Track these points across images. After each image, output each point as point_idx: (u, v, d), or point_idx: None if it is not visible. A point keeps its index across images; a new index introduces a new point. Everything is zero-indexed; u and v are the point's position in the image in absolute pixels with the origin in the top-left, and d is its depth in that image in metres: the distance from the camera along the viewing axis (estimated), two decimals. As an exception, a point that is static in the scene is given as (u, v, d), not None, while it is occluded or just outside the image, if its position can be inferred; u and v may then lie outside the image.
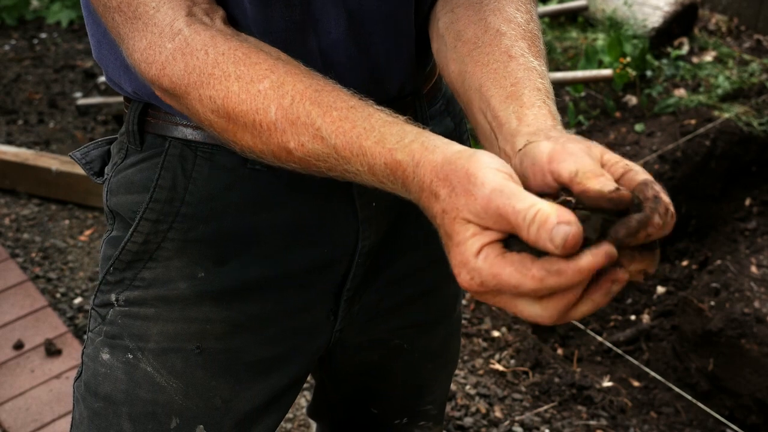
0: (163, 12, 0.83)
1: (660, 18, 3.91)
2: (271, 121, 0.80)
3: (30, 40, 4.42)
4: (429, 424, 1.36)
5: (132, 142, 1.01)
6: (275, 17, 0.89)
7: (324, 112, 0.78)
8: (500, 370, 2.47)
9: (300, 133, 0.79)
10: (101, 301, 1.05)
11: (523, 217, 0.65)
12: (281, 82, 0.80)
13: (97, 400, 1.05)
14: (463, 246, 0.68)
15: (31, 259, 2.86)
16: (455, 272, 0.69)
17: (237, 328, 1.04)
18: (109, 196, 1.04)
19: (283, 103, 0.79)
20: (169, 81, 0.83)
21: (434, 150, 0.72)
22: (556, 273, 0.65)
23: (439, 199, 0.70)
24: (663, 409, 2.54)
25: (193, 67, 0.82)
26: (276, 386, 1.09)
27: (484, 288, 0.68)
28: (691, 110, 3.50)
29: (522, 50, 0.90)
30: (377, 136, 0.75)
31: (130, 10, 0.84)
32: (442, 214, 0.70)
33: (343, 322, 1.11)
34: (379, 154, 0.75)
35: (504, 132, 0.81)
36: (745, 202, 3.49)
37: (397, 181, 0.75)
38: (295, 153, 0.80)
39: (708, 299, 2.67)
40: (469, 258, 0.68)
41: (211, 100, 0.82)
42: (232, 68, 0.81)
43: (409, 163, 0.73)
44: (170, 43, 0.83)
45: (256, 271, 1.02)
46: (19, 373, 2.39)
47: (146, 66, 0.84)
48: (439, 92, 1.12)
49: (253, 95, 0.80)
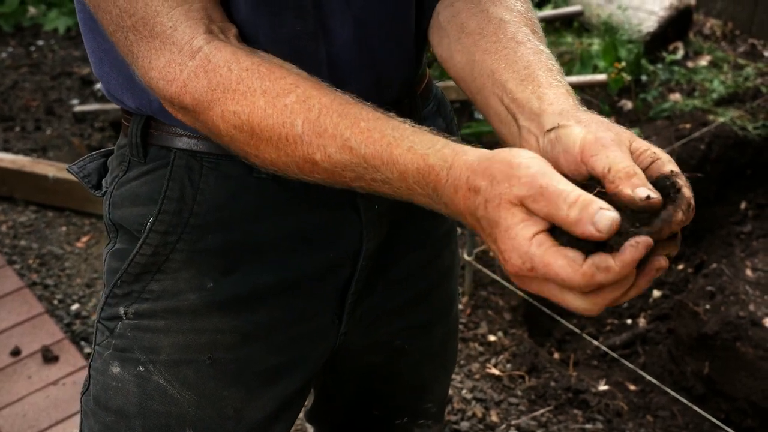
0: (181, 30, 0.83)
1: (655, 23, 3.93)
2: (298, 134, 0.80)
3: (27, 47, 4.43)
4: (429, 422, 1.37)
5: (135, 154, 1.00)
6: (285, 26, 0.90)
7: (352, 123, 0.79)
8: (496, 374, 2.47)
9: (327, 144, 0.80)
10: (109, 314, 1.05)
11: (565, 198, 0.67)
12: (307, 96, 0.81)
13: (109, 413, 1.06)
14: (514, 231, 0.69)
15: (28, 266, 2.86)
16: (504, 257, 0.70)
17: (247, 337, 1.04)
18: (111, 209, 1.03)
19: (310, 117, 0.80)
20: (191, 98, 0.83)
21: (466, 152, 0.74)
22: (605, 270, 0.67)
23: (479, 191, 0.72)
24: (659, 413, 2.55)
25: (217, 83, 0.82)
26: (285, 393, 1.10)
27: (533, 274, 0.69)
28: (686, 114, 3.51)
29: (527, 35, 0.94)
30: (408, 144, 0.77)
31: (146, 29, 0.84)
32: (485, 204, 0.71)
33: (347, 325, 1.12)
34: (411, 160, 0.76)
35: (526, 112, 0.85)
36: (740, 206, 3.50)
37: (428, 185, 0.76)
38: (321, 164, 0.81)
39: (703, 303, 2.67)
40: (522, 243, 0.69)
41: (235, 115, 0.82)
42: (258, 83, 0.82)
43: (442, 166, 0.75)
44: (191, 61, 0.83)
45: (263, 279, 1.02)
46: (16, 380, 2.39)
47: (165, 84, 0.84)
48: (430, 93, 1.13)
49: (279, 110, 0.81)
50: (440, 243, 1.20)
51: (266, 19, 0.89)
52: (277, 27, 0.89)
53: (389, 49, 0.98)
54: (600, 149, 0.73)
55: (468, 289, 2.72)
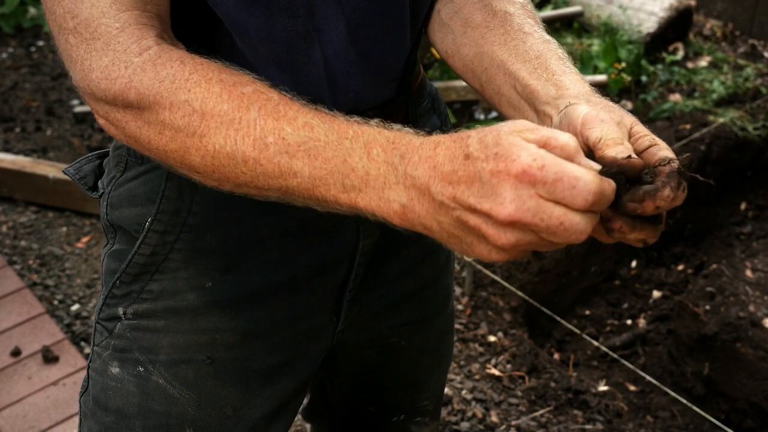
0: (128, 32, 0.82)
1: (655, 23, 3.93)
2: (252, 118, 0.78)
3: (27, 48, 4.43)
4: (426, 419, 1.37)
5: (132, 155, 1.00)
6: (278, 27, 0.90)
7: (314, 111, 0.78)
8: (496, 374, 2.47)
9: (282, 126, 0.77)
10: (107, 314, 1.05)
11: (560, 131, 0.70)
12: (266, 89, 0.80)
13: (108, 414, 1.06)
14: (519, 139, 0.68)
15: (28, 267, 2.86)
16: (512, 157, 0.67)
17: (246, 337, 1.05)
18: (109, 209, 1.03)
19: (268, 105, 0.78)
20: (135, 92, 0.80)
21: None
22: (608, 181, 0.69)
23: (470, 135, 0.71)
24: (659, 413, 2.55)
25: (166, 74, 0.80)
26: (284, 391, 1.10)
27: (543, 173, 0.67)
28: (686, 115, 3.51)
29: (532, 26, 0.97)
30: (376, 124, 0.77)
31: (88, 31, 0.82)
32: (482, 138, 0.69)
33: (344, 322, 1.13)
34: (380, 132, 0.75)
35: (542, 96, 0.88)
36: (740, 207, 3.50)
37: (395, 152, 0.73)
38: (271, 146, 0.77)
39: (703, 303, 2.68)
40: (530, 145, 0.68)
41: (186, 103, 0.79)
42: (214, 73, 0.80)
43: (416, 136, 0.74)
44: (137, 57, 0.81)
45: (262, 278, 1.03)
46: (16, 380, 2.39)
47: (108, 82, 0.81)
48: (424, 90, 1.14)
49: (236, 96, 0.79)
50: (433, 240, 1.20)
51: (257, 19, 0.88)
52: (269, 27, 0.89)
53: (384, 49, 0.98)
54: (597, 123, 0.78)
55: (468, 290, 2.72)
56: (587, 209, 0.68)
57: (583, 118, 0.79)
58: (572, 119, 0.80)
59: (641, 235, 0.75)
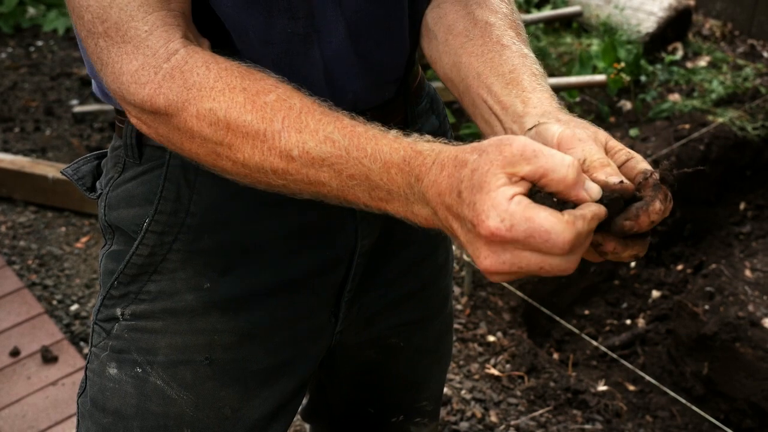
0: (156, 35, 0.83)
1: (654, 23, 3.93)
2: (277, 130, 0.80)
3: (26, 48, 4.43)
4: (425, 420, 1.37)
5: (130, 155, 1.00)
6: (277, 28, 0.90)
7: (335, 119, 0.80)
8: (496, 374, 2.47)
9: (307, 140, 0.79)
10: (105, 315, 1.05)
11: (562, 159, 0.69)
12: (288, 96, 0.81)
13: (106, 415, 1.06)
14: (495, 192, 0.69)
15: (27, 267, 2.86)
16: (482, 218, 0.69)
17: (244, 338, 1.04)
18: (107, 210, 1.03)
19: (291, 114, 0.80)
20: (164, 99, 0.82)
21: (455, 145, 0.76)
22: (581, 218, 0.69)
23: (467, 164, 0.72)
24: (658, 413, 2.55)
25: (193, 82, 0.82)
26: (283, 392, 1.10)
27: (512, 233, 0.68)
28: (685, 115, 3.51)
29: (512, 38, 0.96)
30: (394, 135, 0.78)
31: (118, 34, 0.83)
32: (472, 174, 0.71)
33: (343, 323, 1.13)
34: (397, 149, 0.77)
35: (510, 113, 0.87)
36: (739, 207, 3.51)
37: (412, 173, 0.76)
38: (298, 160, 0.80)
39: (703, 303, 2.68)
40: (501, 201, 0.69)
41: (211, 112, 0.81)
42: (238, 81, 0.81)
43: (431, 151, 0.75)
44: (166, 63, 0.82)
45: (261, 279, 1.02)
46: (15, 380, 2.39)
47: (138, 87, 0.83)
48: (423, 91, 1.14)
49: (259, 106, 0.80)
50: (434, 240, 1.20)
51: (256, 20, 0.88)
52: (268, 28, 0.89)
53: (383, 50, 0.98)
54: (576, 143, 0.78)
55: (467, 290, 2.72)
56: (566, 254, 0.69)
57: (559, 138, 0.79)
58: (546, 139, 0.80)
59: (634, 251, 0.76)
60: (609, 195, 0.72)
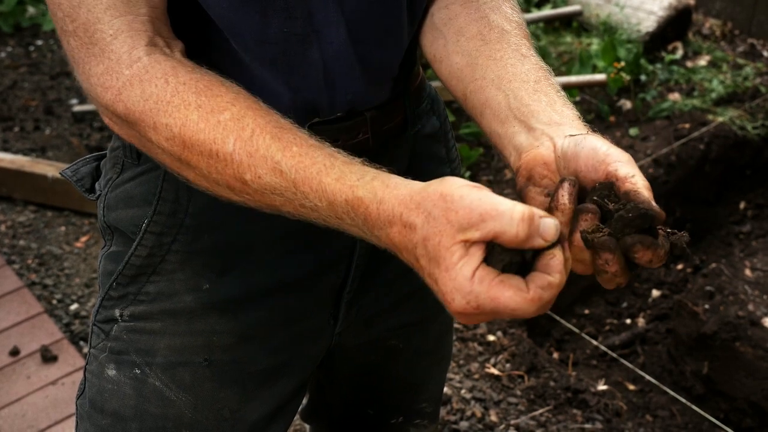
0: (121, 40, 0.83)
1: (654, 23, 3.93)
2: (228, 152, 0.80)
3: (26, 47, 4.43)
4: (424, 422, 1.36)
5: (129, 156, 1.00)
6: (273, 28, 0.89)
7: (284, 146, 0.79)
8: (496, 374, 2.47)
9: (258, 165, 0.79)
10: (104, 316, 1.05)
11: (510, 217, 0.69)
12: (242, 115, 0.81)
13: (105, 416, 1.05)
14: (454, 270, 0.70)
15: (27, 266, 2.86)
16: (447, 298, 0.71)
17: (243, 339, 1.04)
18: (106, 211, 1.03)
19: (243, 135, 0.80)
20: (123, 107, 0.83)
21: (397, 186, 0.75)
22: (548, 287, 0.70)
23: (416, 228, 0.72)
24: (658, 413, 2.55)
25: (150, 94, 0.82)
26: (282, 393, 1.10)
27: (480, 311, 0.70)
28: (685, 114, 3.51)
29: (528, 49, 0.97)
30: (337, 173, 0.77)
31: (86, 35, 0.83)
32: (424, 242, 0.72)
33: (342, 324, 1.12)
34: (340, 191, 0.76)
35: (543, 119, 0.88)
36: (739, 206, 3.50)
37: (357, 217, 0.76)
38: (251, 185, 0.80)
39: (703, 302, 2.68)
40: (463, 283, 0.70)
41: (167, 127, 0.81)
42: (193, 98, 0.81)
43: (371, 200, 0.75)
44: (128, 69, 0.82)
45: (260, 280, 1.02)
46: (15, 380, 2.39)
47: (102, 90, 0.84)
48: (423, 92, 1.13)
49: (212, 125, 0.80)
50: None
51: (251, 20, 0.88)
52: (264, 28, 0.89)
53: (383, 49, 0.98)
54: (626, 161, 0.79)
55: (467, 289, 2.72)
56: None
57: (609, 151, 0.80)
58: (595, 147, 0.81)
59: (621, 280, 0.78)
60: (647, 211, 0.74)
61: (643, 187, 0.76)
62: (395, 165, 1.07)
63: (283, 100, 0.93)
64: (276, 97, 0.93)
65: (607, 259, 0.76)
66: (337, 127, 0.97)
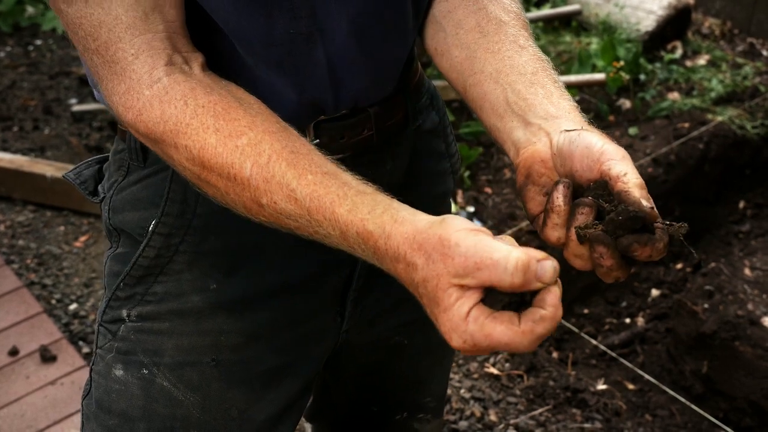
0: (142, 60, 0.84)
1: (653, 22, 3.93)
2: (246, 177, 0.81)
3: (25, 47, 4.43)
4: (428, 416, 1.37)
5: (134, 159, 1.01)
6: (279, 29, 0.89)
7: (299, 174, 0.80)
8: (495, 373, 2.47)
9: (274, 191, 0.81)
10: (111, 317, 1.05)
11: (505, 267, 0.70)
12: (259, 140, 0.82)
13: (112, 417, 1.05)
14: (451, 312, 0.73)
15: (26, 266, 2.86)
16: (446, 337, 0.74)
17: (250, 338, 1.05)
18: (111, 214, 1.04)
19: (260, 161, 0.81)
20: (144, 127, 0.84)
21: (403, 222, 0.76)
22: (541, 320, 0.72)
23: (417, 268, 0.74)
24: (658, 412, 2.55)
25: (170, 115, 0.83)
26: (289, 392, 1.10)
27: (477, 348, 0.73)
28: (684, 113, 3.51)
29: (527, 40, 0.98)
30: (350, 205, 0.79)
31: (108, 54, 0.84)
32: (424, 282, 0.74)
33: (348, 323, 1.13)
34: (351, 222, 0.78)
35: (539, 112, 0.89)
36: (738, 205, 3.50)
37: (368, 249, 0.78)
38: (266, 209, 0.82)
39: (702, 302, 2.67)
40: (458, 323, 0.72)
41: (186, 149, 0.83)
42: (212, 121, 0.83)
43: (380, 234, 0.77)
44: (148, 90, 0.84)
45: (267, 279, 1.03)
46: (14, 380, 2.39)
47: (124, 110, 0.85)
48: (423, 87, 1.14)
49: (230, 149, 0.82)
50: None
51: (257, 22, 0.88)
52: (270, 29, 0.89)
53: (387, 45, 0.99)
54: (620, 159, 0.81)
55: (466, 289, 2.72)
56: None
57: (603, 149, 0.82)
58: (591, 144, 0.82)
59: (620, 274, 0.81)
60: (636, 213, 0.75)
61: (635, 186, 0.78)
62: (397, 162, 1.07)
63: (290, 100, 0.94)
64: (282, 98, 0.93)
65: (602, 253, 0.78)
66: (341, 125, 0.98)
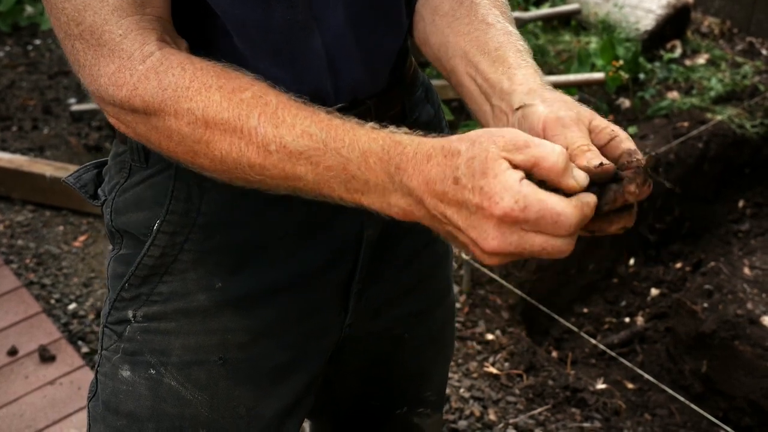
0: (131, 38, 0.84)
1: (653, 21, 3.93)
2: (253, 126, 0.81)
3: (24, 47, 4.43)
4: (428, 410, 1.37)
5: (137, 159, 1.00)
6: (276, 17, 0.90)
7: (311, 114, 0.81)
8: (494, 373, 2.47)
9: (284, 134, 0.80)
10: (116, 318, 1.05)
11: (552, 147, 0.72)
12: (264, 92, 0.82)
13: (120, 418, 1.05)
14: (504, 175, 0.72)
15: (25, 266, 2.86)
16: (495, 200, 0.71)
17: (257, 336, 1.05)
18: (114, 216, 1.03)
19: (267, 110, 0.81)
20: (141, 100, 0.83)
21: (432, 137, 0.77)
22: (587, 204, 0.73)
23: (459, 153, 0.74)
24: (657, 411, 2.55)
25: (168, 83, 0.82)
26: (296, 389, 1.10)
27: (525, 214, 0.71)
28: (683, 113, 3.51)
29: (496, 17, 0.97)
30: (372, 126, 0.79)
31: (93, 38, 0.84)
32: (468, 162, 0.73)
33: (352, 316, 1.13)
34: (375, 138, 0.78)
35: (497, 92, 0.89)
36: (738, 204, 3.50)
37: (391, 162, 0.77)
38: (275, 155, 0.81)
39: (701, 301, 2.67)
40: (513, 183, 0.71)
41: (189, 112, 0.82)
42: (213, 80, 0.82)
43: (410, 141, 0.77)
44: (141, 65, 0.83)
45: (271, 276, 1.03)
46: (13, 380, 2.39)
47: (115, 89, 0.84)
48: (417, 80, 1.14)
49: (235, 103, 0.81)
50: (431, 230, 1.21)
51: (254, 11, 0.89)
52: (267, 18, 0.89)
53: (382, 33, 0.99)
54: (560, 129, 0.80)
55: (466, 288, 2.72)
56: (569, 236, 0.73)
57: (544, 123, 0.81)
58: (533, 124, 0.82)
59: (620, 224, 0.79)
60: (592, 177, 0.75)
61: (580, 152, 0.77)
62: None
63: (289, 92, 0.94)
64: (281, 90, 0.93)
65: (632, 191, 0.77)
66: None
